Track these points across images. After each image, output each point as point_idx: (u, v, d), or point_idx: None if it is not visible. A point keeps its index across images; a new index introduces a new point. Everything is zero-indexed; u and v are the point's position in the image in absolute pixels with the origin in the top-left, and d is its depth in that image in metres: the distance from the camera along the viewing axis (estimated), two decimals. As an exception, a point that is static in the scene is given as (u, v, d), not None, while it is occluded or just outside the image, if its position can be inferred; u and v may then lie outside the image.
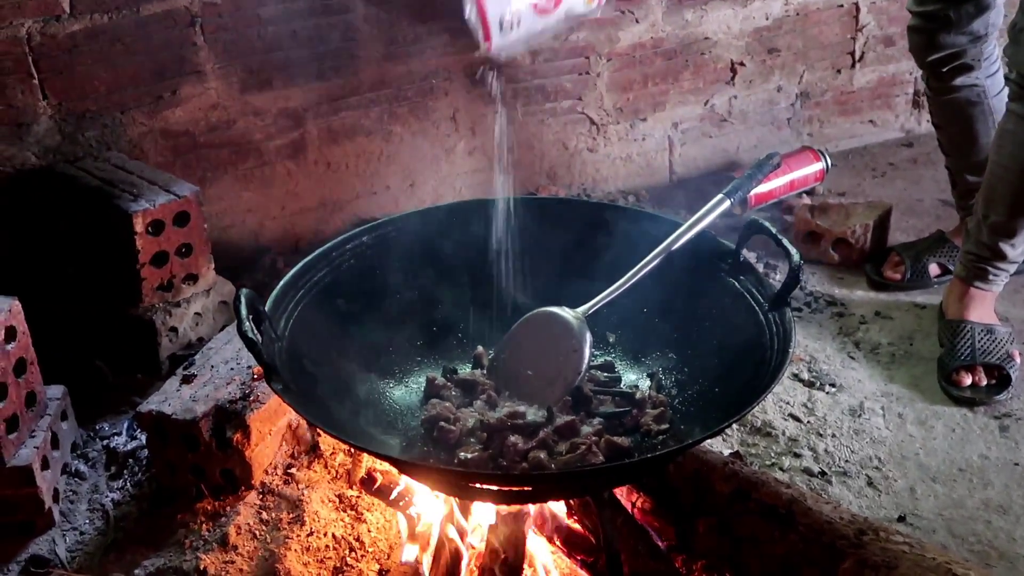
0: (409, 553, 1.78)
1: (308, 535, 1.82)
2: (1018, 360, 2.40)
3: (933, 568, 1.57)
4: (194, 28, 2.64)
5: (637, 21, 3.18)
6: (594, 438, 1.67)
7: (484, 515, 1.74)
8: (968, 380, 2.35)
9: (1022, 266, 2.52)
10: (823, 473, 2.13)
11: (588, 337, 1.73)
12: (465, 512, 1.74)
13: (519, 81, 3.10)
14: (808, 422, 2.28)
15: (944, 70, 2.51)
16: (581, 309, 1.74)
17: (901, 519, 2.01)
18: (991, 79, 2.54)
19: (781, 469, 2.13)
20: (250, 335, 1.42)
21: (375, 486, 1.91)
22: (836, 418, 2.30)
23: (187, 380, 2.04)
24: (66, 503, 2.08)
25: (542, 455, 1.64)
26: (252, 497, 1.94)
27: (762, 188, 3.16)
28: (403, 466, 1.60)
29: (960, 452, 2.19)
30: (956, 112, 2.59)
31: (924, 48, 2.52)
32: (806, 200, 3.16)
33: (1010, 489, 2.08)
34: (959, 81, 2.52)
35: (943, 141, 2.71)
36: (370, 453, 1.63)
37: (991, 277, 2.44)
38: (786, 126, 3.54)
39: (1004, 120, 2.34)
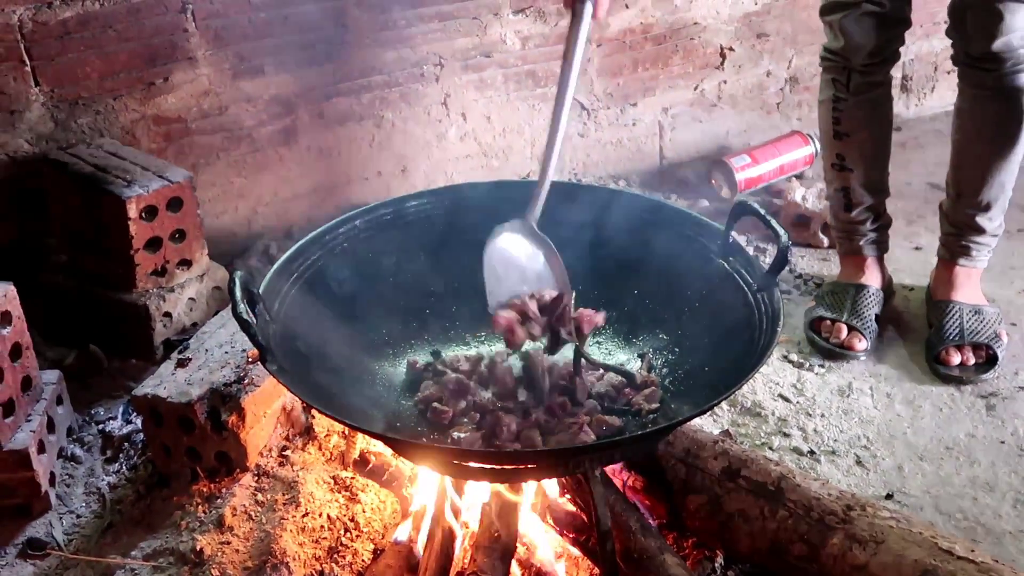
0: (403, 532, 1.80)
1: (303, 516, 1.83)
2: (1005, 339, 2.42)
3: (919, 542, 1.60)
4: (185, 14, 2.64)
5: (627, 6, 3.18)
6: (585, 417, 1.69)
7: (478, 494, 1.76)
8: (956, 359, 2.37)
9: None
10: (812, 452, 2.15)
11: (539, 235, 1.74)
12: (459, 491, 1.76)
13: (509, 66, 3.11)
14: (797, 402, 2.30)
15: (876, 61, 2.39)
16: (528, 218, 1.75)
17: (889, 497, 2.03)
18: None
19: (771, 448, 2.15)
20: (245, 316, 1.44)
21: (368, 467, 1.92)
22: (825, 398, 2.32)
23: (182, 364, 2.06)
24: (62, 487, 2.09)
25: (534, 434, 1.66)
26: (247, 479, 1.95)
27: (752, 172, 3.18)
28: (397, 445, 1.62)
29: (947, 431, 2.21)
30: (872, 111, 2.47)
31: (873, 32, 2.33)
32: (795, 184, 3.17)
33: (996, 467, 2.10)
34: (880, 77, 2.43)
35: (849, 154, 2.49)
36: (364, 432, 1.64)
37: (974, 253, 2.47)
38: (775, 110, 3.56)
39: (958, 100, 2.40)
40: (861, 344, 2.44)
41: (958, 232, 2.47)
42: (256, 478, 1.95)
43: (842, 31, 2.34)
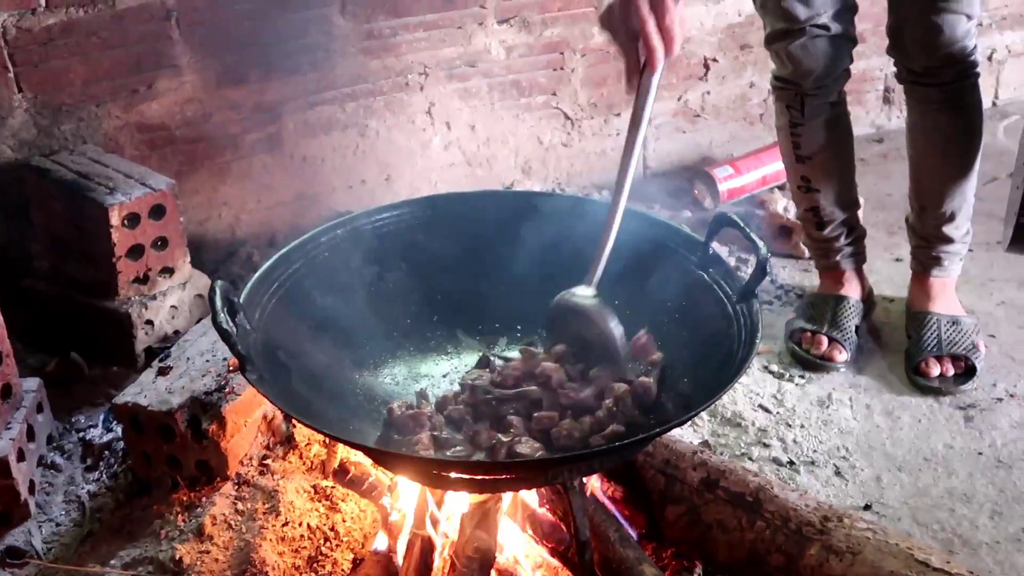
0: (381, 542, 1.80)
1: (283, 525, 1.83)
2: (983, 350, 2.44)
3: (895, 553, 1.61)
4: (170, 22, 2.65)
5: (611, 17, 3.19)
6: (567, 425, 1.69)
7: (457, 504, 1.76)
8: (936, 370, 2.38)
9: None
10: (791, 463, 2.16)
11: (606, 313, 1.73)
12: (438, 501, 1.76)
13: (494, 76, 3.12)
14: (777, 413, 2.31)
15: (827, 82, 2.37)
16: (589, 287, 1.74)
17: (867, 507, 2.04)
18: None
19: (750, 459, 2.16)
20: (225, 326, 1.43)
21: (348, 477, 1.92)
22: (805, 409, 2.33)
23: (163, 372, 2.05)
24: (42, 495, 2.09)
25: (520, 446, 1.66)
26: (227, 488, 1.94)
27: (735, 183, 3.19)
28: (376, 455, 1.62)
29: (926, 442, 2.23)
30: (830, 131, 2.43)
31: (821, 55, 2.30)
32: (778, 195, 3.19)
33: (974, 478, 2.12)
34: (834, 97, 2.41)
35: (813, 175, 2.47)
36: (344, 443, 1.65)
37: (945, 263, 2.49)
38: (758, 121, 3.57)
39: (908, 117, 2.42)
40: (841, 356, 2.45)
41: (927, 244, 2.48)
42: (236, 487, 1.95)
43: (789, 58, 2.32)
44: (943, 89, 2.29)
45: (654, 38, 1.55)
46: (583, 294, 1.74)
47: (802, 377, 2.43)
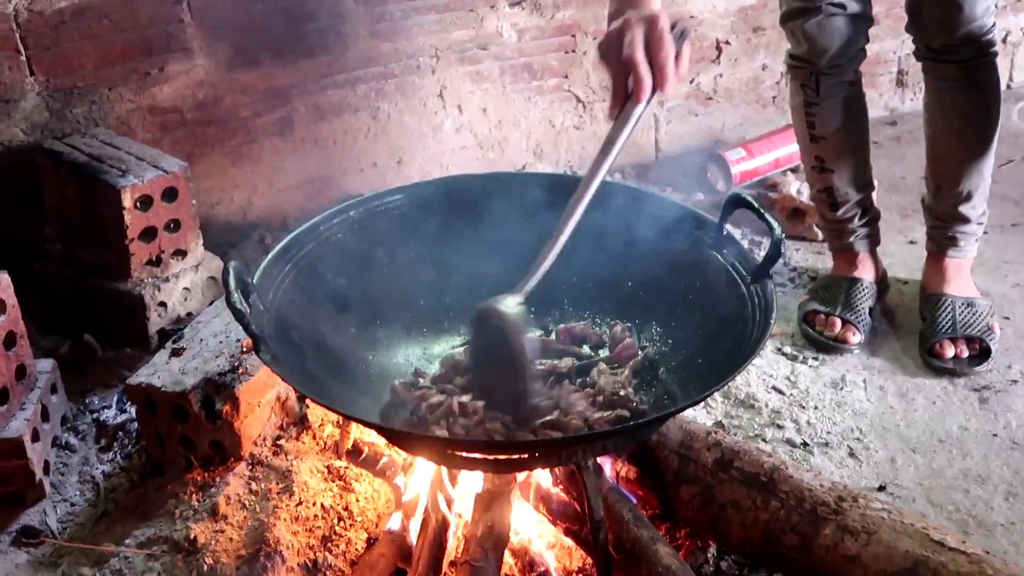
0: (395, 522, 1.80)
1: (297, 505, 1.83)
2: (998, 332, 2.42)
3: (910, 533, 1.60)
4: (181, 5, 2.64)
5: (623, -1, 3.18)
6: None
7: (471, 484, 1.76)
8: (950, 352, 2.37)
9: None
10: (805, 444, 2.15)
11: (521, 326, 1.60)
12: (452, 481, 1.76)
13: (506, 59, 3.11)
14: (791, 394, 2.31)
15: (843, 62, 2.37)
16: (516, 297, 1.62)
17: (881, 488, 2.04)
18: None
19: (764, 440, 2.16)
20: (238, 306, 1.44)
21: (362, 456, 1.93)
22: (818, 391, 2.32)
23: (176, 353, 2.06)
24: (56, 475, 2.09)
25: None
26: (241, 468, 1.95)
27: (748, 165, 3.18)
28: (390, 435, 1.62)
29: (940, 423, 2.22)
30: (845, 111, 2.43)
31: (837, 34, 2.30)
32: (791, 177, 3.18)
33: (988, 459, 2.11)
34: (850, 76, 2.41)
35: (827, 156, 2.47)
36: (358, 422, 1.64)
37: (961, 243, 2.48)
38: (771, 104, 3.56)
39: (925, 95, 2.41)
40: (855, 337, 2.45)
41: (943, 224, 2.47)
42: (250, 467, 1.96)
43: (805, 36, 2.32)
44: (961, 67, 2.27)
45: (642, 69, 1.53)
46: (508, 303, 1.61)
47: (816, 359, 2.43)
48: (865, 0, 2.30)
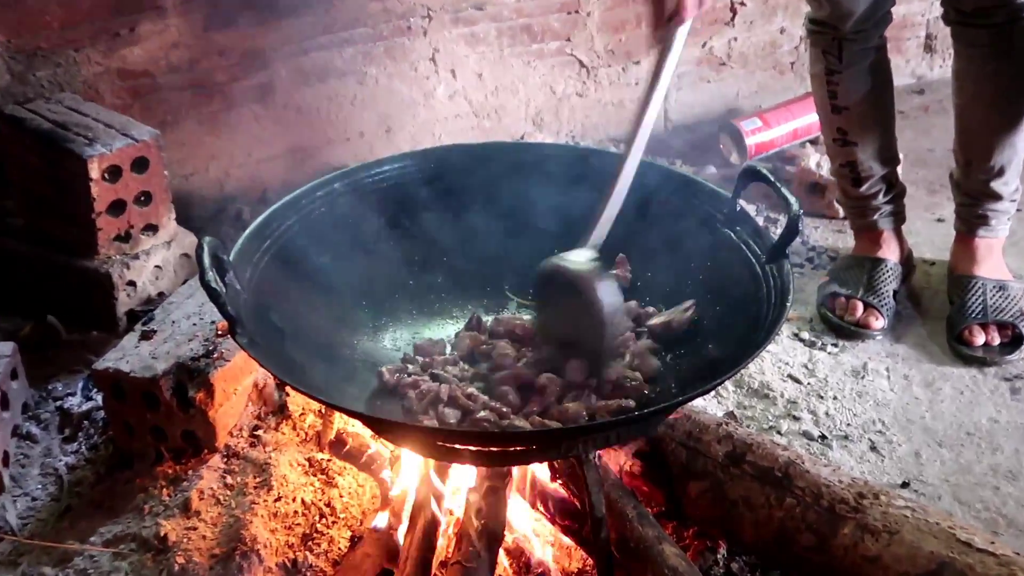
0: (382, 519, 1.80)
1: (275, 500, 1.83)
2: (1031, 318, 2.42)
3: (936, 533, 1.60)
4: (153, -41, 2.63)
5: (631, -44, 3.17)
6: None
7: (462, 478, 1.76)
8: (980, 339, 2.37)
9: None
10: (823, 437, 2.15)
11: (598, 281, 1.64)
12: (442, 475, 1.76)
13: (503, 20, 3.09)
14: (808, 383, 2.30)
15: (867, 26, 2.36)
16: (587, 251, 1.67)
17: (905, 485, 2.03)
18: None
19: (779, 433, 2.15)
20: (213, 285, 1.43)
21: (345, 449, 1.92)
22: (838, 379, 2.32)
23: (146, 336, 2.05)
24: (16, 467, 2.08)
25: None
26: (216, 460, 1.94)
27: (763, 136, 3.17)
28: (376, 425, 1.61)
29: (968, 415, 2.21)
30: (870, 80, 2.42)
31: None
32: (810, 149, 3.16)
33: (1020, 454, 2.11)
34: (874, 42, 2.40)
35: (850, 128, 2.46)
36: (341, 411, 1.64)
37: (993, 222, 2.47)
38: (789, 71, 3.55)
39: (954, 63, 2.38)
40: (878, 322, 2.44)
41: (973, 201, 2.46)
42: (225, 459, 1.95)
43: None
44: (993, 32, 2.25)
45: None
46: (576, 259, 1.66)
47: (835, 345, 2.42)
48: None
